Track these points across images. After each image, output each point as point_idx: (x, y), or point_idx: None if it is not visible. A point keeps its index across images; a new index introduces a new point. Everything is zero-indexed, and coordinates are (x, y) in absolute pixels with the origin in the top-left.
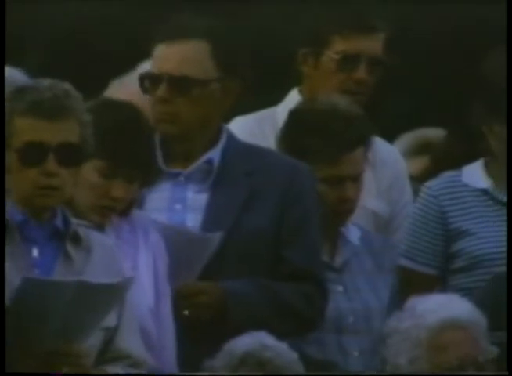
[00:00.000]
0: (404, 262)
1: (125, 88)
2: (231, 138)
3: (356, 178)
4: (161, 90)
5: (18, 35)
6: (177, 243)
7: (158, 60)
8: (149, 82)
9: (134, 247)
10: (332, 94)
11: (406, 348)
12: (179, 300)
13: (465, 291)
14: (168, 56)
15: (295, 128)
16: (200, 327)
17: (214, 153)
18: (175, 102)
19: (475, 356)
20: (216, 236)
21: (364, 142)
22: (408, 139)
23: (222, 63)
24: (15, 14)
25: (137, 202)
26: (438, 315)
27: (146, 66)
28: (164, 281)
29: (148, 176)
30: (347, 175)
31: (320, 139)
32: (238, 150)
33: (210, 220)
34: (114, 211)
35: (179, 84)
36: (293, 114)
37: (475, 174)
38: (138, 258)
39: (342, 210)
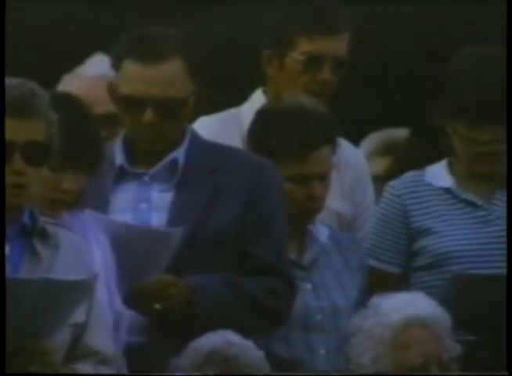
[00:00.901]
0: (369, 261)
1: (78, 81)
2: (195, 137)
3: (323, 177)
4: (148, 115)
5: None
6: (138, 239)
7: (138, 83)
8: (130, 105)
9: (86, 243)
10: (297, 93)
11: (370, 347)
12: (149, 294)
13: (428, 289)
14: (150, 79)
15: (262, 127)
16: (169, 325)
17: (179, 153)
18: (162, 124)
19: (439, 354)
20: (178, 231)
21: (330, 140)
22: (375, 139)
23: (196, 76)
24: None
25: (83, 193)
26: (402, 313)
27: (99, 64)
28: (115, 280)
29: (93, 166)
30: (314, 173)
31: (287, 137)
32: (202, 149)
33: (176, 219)
34: (65, 203)
35: (166, 108)
36: (260, 114)
37: (438, 173)
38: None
39: (310, 208)
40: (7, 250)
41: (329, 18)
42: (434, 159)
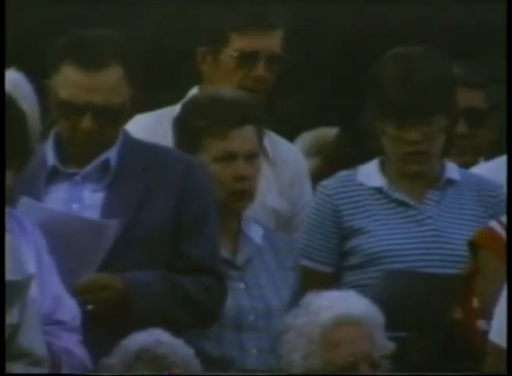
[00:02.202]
0: (301, 261)
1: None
2: (127, 137)
3: (249, 156)
4: (87, 121)
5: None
6: (74, 228)
7: (78, 89)
8: (69, 111)
9: (17, 239)
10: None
11: (300, 345)
12: (82, 294)
13: (359, 288)
14: (91, 86)
15: (183, 114)
16: (103, 324)
17: (111, 153)
18: (100, 131)
19: (369, 352)
20: (114, 223)
21: (252, 121)
22: (307, 138)
23: (133, 81)
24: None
25: (12, 190)
26: (332, 311)
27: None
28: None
29: (22, 161)
30: (238, 151)
31: (208, 118)
32: (135, 149)
33: (108, 218)
34: None
35: (105, 115)
36: (183, 104)
37: (370, 173)
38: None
39: (238, 189)
40: None
41: (263, 14)
42: (365, 159)
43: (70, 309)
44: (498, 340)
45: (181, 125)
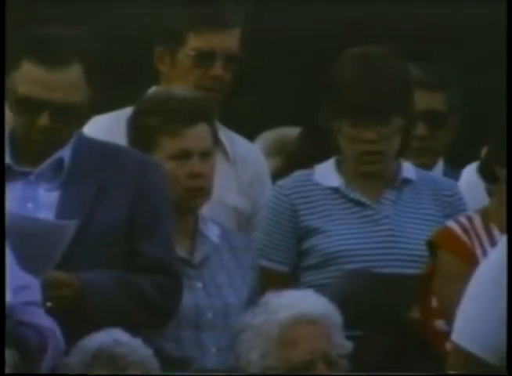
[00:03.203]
0: (258, 260)
1: None
2: (81, 136)
3: (204, 154)
4: (45, 119)
5: None
6: (32, 232)
7: (38, 85)
8: (27, 107)
9: None
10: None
11: (258, 344)
12: (42, 292)
13: (317, 288)
14: (51, 84)
15: (137, 113)
16: (61, 323)
17: (65, 152)
18: (57, 129)
19: (326, 351)
20: (72, 223)
21: (205, 118)
22: (267, 138)
23: (91, 80)
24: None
25: None
26: (290, 310)
27: None
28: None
29: None
30: (193, 148)
31: (162, 116)
32: (89, 148)
33: (63, 217)
34: None
35: (63, 114)
36: (136, 104)
37: (326, 173)
38: None
39: (193, 187)
40: None
41: (219, 13)
42: (326, 158)
43: (39, 293)
44: (460, 340)
45: (134, 124)
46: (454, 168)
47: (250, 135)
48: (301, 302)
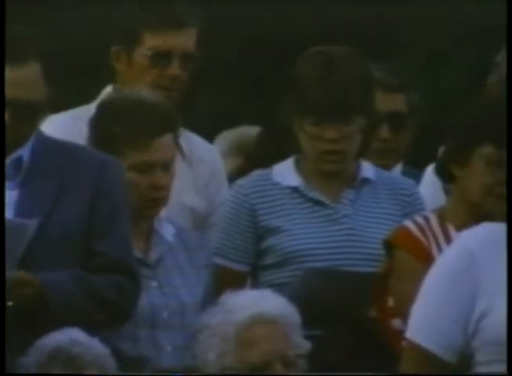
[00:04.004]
0: (217, 260)
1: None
2: (40, 135)
3: (167, 166)
4: (6, 116)
5: None
6: None
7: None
8: None
9: None
10: (138, 86)
11: (215, 344)
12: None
13: (276, 287)
14: (12, 81)
15: (102, 117)
16: (21, 323)
17: (24, 151)
18: (16, 127)
19: (284, 351)
20: (33, 223)
21: (171, 129)
22: (227, 137)
23: (49, 79)
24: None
25: None
26: (248, 310)
27: None
28: None
29: None
30: (157, 161)
31: (126, 125)
32: (48, 147)
33: (22, 216)
34: None
35: (23, 111)
36: (99, 105)
37: (285, 172)
38: None
39: (154, 198)
40: None
41: (175, 12)
42: (284, 158)
43: None
44: (414, 337)
45: (99, 129)
46: (412, 168)
47: (209, 135)
48: (259, 302)
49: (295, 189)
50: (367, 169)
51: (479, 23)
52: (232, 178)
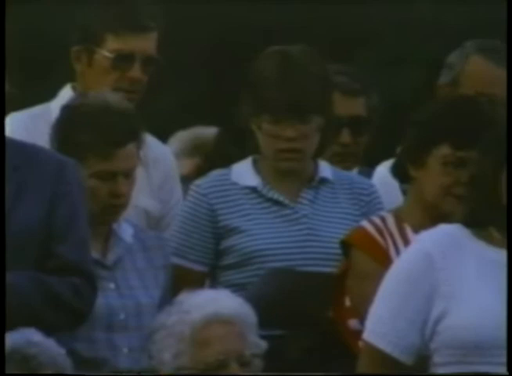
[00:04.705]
0: (175, 260)
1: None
2: None
3: (128, 174)
4: None
5: None
6: None
7: None
8: None
9: None
10: (103, 90)
11: (171, 344)
12: None
13: (236, 287)
14: None
15: (67, 123)
16: None
17: None
18: None
19: (240, 350)
20: None
21: (136, 137)
22: (182, 138)
23: (9, 77)
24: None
25: None
26: (203, 310)
27: None
28: None
29: None
30: (119, 170)
31: (92, 134)
32: (6, 146)
33: None
34: None
35: None
36: (65, 109)
37: (244, 172)
38: None
39: (114, 205)
40: None
41: (138, 16)
42: (242, 158)
43: None
44: (371, 338)
45: (63, 135)
46: (368, 167)
47: (163, 136)
48: (215, 302)
49: (253, 189)
50: (325, 169)
51: (437, 22)
52: (190, 178)
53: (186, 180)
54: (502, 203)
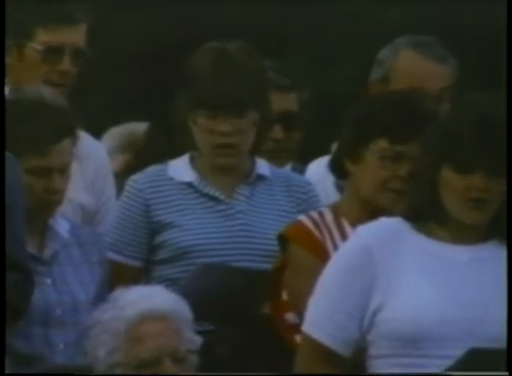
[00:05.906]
0: (110, 255)
1: None
2: None
3: (64, 170)
4: None
5: None
6: None
7: None
8: None
9: None
10: (38, 85)
11: (106, 340)
12: None
13: (169, 282)
14: None
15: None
16: None
17: None
18: None
19: (175, 346)
20: None
21: (71, 133)
22: (115, 134)
23: None
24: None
25: None
26: (138, 306)
27: None
28: None
29: None
30: (54, 166)
31: (28, 129)
32: None
33: None
34: None
35: None
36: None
37: (181, 168)
38: None
39: (50, 201)
40: None
41: (67, 8)
42: (177, 154)
43: None
44: (310, 331)
45: None
46: (303, 164)
47: (96, 132)
48: (149, 298)
49: (190, 185)
50: (262, 166)
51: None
52: (120, 174)
53: (117, 177)
54: (440, 198)
